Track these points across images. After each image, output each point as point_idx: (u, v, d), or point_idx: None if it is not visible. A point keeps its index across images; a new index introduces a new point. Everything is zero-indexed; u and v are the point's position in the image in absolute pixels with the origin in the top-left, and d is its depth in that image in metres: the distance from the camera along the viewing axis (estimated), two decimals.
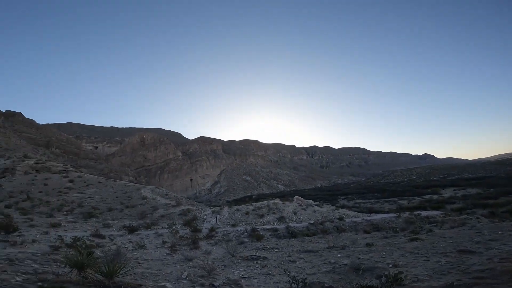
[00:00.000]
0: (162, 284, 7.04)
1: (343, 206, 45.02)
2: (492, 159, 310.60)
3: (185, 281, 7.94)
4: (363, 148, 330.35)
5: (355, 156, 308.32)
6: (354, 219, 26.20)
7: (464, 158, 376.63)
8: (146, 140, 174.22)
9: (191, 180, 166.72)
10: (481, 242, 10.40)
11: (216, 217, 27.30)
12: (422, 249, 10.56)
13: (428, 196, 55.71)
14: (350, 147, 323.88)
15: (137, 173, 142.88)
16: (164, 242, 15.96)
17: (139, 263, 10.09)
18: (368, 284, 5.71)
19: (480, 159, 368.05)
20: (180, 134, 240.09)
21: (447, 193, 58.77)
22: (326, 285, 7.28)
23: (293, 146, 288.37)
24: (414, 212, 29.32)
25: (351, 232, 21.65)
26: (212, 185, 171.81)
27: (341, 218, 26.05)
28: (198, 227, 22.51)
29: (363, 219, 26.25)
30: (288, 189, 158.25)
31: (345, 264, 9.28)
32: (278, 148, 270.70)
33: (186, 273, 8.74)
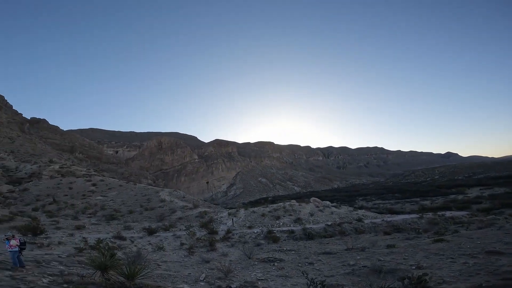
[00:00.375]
0: (181, 286, 7.20)
1: (361, 207, 43.93)
2: None
3: (202, 283, 8.05)
4: (382, 148, 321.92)
5: (373, 156, 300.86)
6: (374, 220, 25.50)
7: (490, 156, 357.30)
8: (163, 144, 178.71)
9: (207, 182, 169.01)
10: (510, 243, 9.90)
11: (232, 219, 27.44)
12: (448, 251, 10.17)
13: (452, 196, 53.31)
14: (368, 147, 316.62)
15: (156, 176, 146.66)
16: (182, 244, 16.24)
17: (159, 265, 10.34)
18: (391, 286, 5.54)
19: (507, 156, 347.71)
20: (196, 137, 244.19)
21: (473, 192, 55.99)
22: (345, 287, 7.14)
23: (308, 147, 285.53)
24: (438, 213, 28.12)
25: (370, 233, 21.11)
26: (228, 187, 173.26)
27: (359, 219, 25.44)
28: (214, 229, 22.72)
29: (383, 220, 25.50)
30: (304, 191, 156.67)
31: (365, 266, 9.07)
32: (293, 149, 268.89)
33: (203, 275, 8.86)
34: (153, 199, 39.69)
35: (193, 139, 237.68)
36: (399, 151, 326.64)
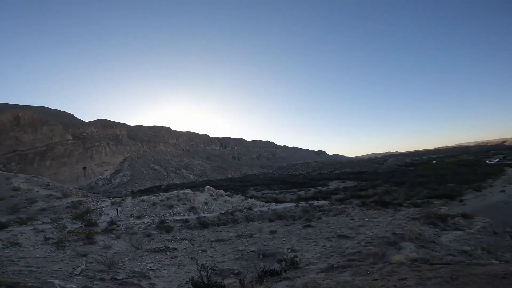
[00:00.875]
0: (49, 280, 6.03)
1: (252, 196, 48.00)
2: (365, 157, 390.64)
3: (79, 277, 7.01)
4: (272, 142, 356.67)
5: (264, 149, 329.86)
6: (261, 209, 28.39)
7: (346, 155, 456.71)
8: (21, 119, 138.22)
9: (84, 168, 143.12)
10: (353, 228, 12.66)
11: (116, 209, 24.61)
12: (313, 235, 12.24)
13: (320, 188, 65.40)
14: (261, 140, 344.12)
15: (7, 159, 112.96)
16: (47, 239, 13.42)
17: (14, 261, 8.29)
18: (271, 268, 6.29)
19: (357, 156, 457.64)
20: (73, 115, 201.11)
21: (333, 185, 70.29)
22: (235, 271, 7.75)
23: (207, 136, 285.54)
24: (309, 202, 33.98)
25: (258, 221, 23.36)
26: (112, 174, 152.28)
27: (250, 208, 27.78)
28: (93, 220, 19.83)
29: (269, 208, 28.75)
30: (200, 179, 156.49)
31: (252, 251, 10.03)
32: (191, 137, 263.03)
33: (79, 269, 7.71)
34: (2, 186, 30.82)
35: (68, 116, 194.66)
36: (285, 146, 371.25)
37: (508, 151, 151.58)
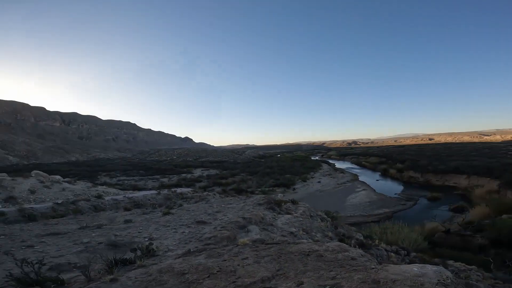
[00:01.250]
0: None
1: (104, 184, 41.58)
2: (228, 147, 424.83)
3: None
4: (134, 124, 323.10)
5: (124, 131, 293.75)
6: (115, 197, 25.29)
7: (211, 144, 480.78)
8: None
9: None
10: (211, 214, 13.61)
11: None
12: (173, 222, 12.25)
13: (184, 175, 65.52)
14: (120, 121, 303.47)
15: None
16: None
17: None
18: (123, 257, 5.99)
19: (221, 146, 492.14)
20: None
21: (197, 172, 72.28)
22: (77, 264, 6.76)
23: (42, 109, 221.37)
24: (172, 189, 33.48)
25: (111, 210, 20.76)
26: None
27: (99, 196, 24.07)
28: None
29: (124, 196, 25.98)
30: (26, 162, 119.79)
31: (101, 243, 8.94)
32: (17, 107, 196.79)
33: None
34: None
35: None
36: (150, 129, 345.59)
37: (325, 151, 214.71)
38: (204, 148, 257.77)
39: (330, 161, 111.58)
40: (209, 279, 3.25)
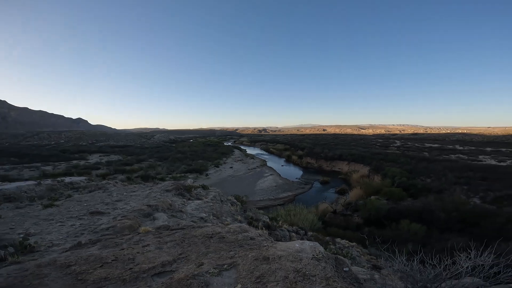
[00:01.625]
0: None
1: None
2: (133, 131, 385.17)
3: None
4: (4, 101, 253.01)
5: None
6: None
7: (113, 127, 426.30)
8: None
9: None
10: (110, 203, 12.35)
11: None
12: (57, 215, 10.56)
13: (75, 162, 55.87)
14: None
15: None
16: None
17: None
18: None
19: (125, 129, 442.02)
20: None
21: (94, 159, 63.01)
22: None
23: None
24: (59, 179, 28.12)
25: None
26: None
27: None
28: None
29: None
30: None
31: None
32: None
33: None
34: None
35: None
36: (27, 108, 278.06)
37: (238, 137, 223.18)
38: (103, 131, 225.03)
39: (242, 147, 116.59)
40: (102, 268, 2.97)
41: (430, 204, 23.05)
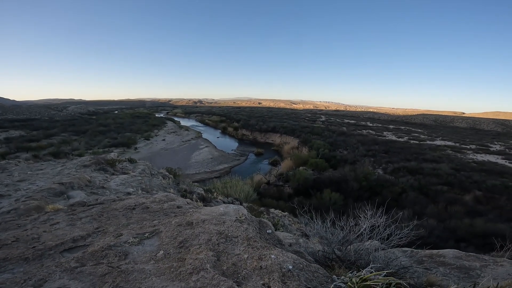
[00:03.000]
0: None
1: None
2: (39, 103, 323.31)
3: None
4: None
5: None
6: None
7: (12, 98, 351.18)
8: None
9: None
10: (11, 184, 10.57)
11: None
12: None
13: None
14: None
15: None
16: None
17: None
18: None
19: (27, 101, 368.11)
20: None
21: None
22: None
23: None
24: None
25: None
26: None
27: None
28: None
29: None
30: None
31: None
32: None
33: None
34: None
35: None
36: None
37: (171, 108, 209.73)
38: None
39: (176, 119, 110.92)
40: (0, 250, 2.57)
41: (346, 175, 26.52)
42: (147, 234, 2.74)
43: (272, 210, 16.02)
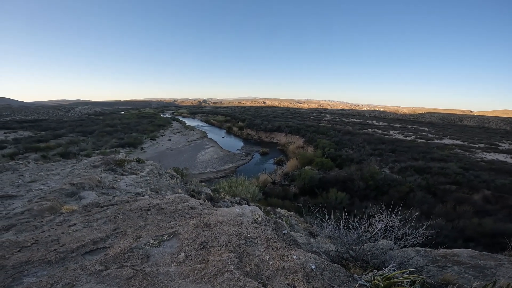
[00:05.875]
0: None
1: None
2: (47, 104, 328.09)
3: None
4: None
5: None
6: None
7: (19, 99, 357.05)
8: None
9: None
10: (22, 185, 10.66)
11: None
12: None
13: None
14: None
15: None
16: None
17: None
18: None
19: (36, 102, 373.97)
20: None
21: None
22: None
23: None
24: None
25: None
26: None
27: None
28: None
29: None
30: None
31: None
32: None
33: None
34: None
35: None
36: None
37: (176, 108, 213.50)
38: (7, 105, 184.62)
39: (181, 119, 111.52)
40: (21, 252, 2.60)
41: (352, 174, 26.34)
42: (165, 235, 2.75)
43: (278, 209, 15.95)
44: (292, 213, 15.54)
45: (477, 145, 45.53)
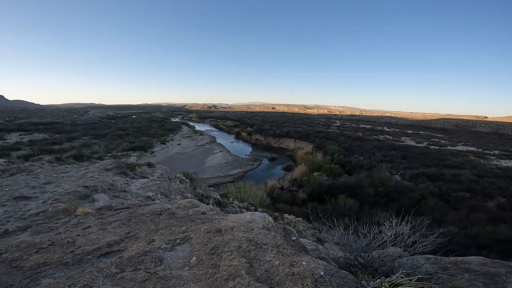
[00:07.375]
0: None
1: None
2: (62, 107, 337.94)
3: None
4: None
5: None
6: None
7: (36, 102, 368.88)
8: None
9: None
10: (37, 187, 10.97)
11: None
12: None
13: None
14: None
15: None
16: None
17: None
18: None
19: (51, 105, 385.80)
20: None
21: (13, 138, 54.01)
22: None
23: None
24: None
25: None
26: None
27: None
28: None
29: None
30: None
31: None
32: None
33: None
34: None
35: None
36: None
37: (186, 113, 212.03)
38: (23, 107, 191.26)
39: (191, 123, 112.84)
40: (38, 254, 2.70)
41: (361, 180, 25.99)
42: (178, 240, 2.81)
43: (286, 215, 15.86)
44: (300, 219, 15.43)
45: (492, 152, 44.21)
